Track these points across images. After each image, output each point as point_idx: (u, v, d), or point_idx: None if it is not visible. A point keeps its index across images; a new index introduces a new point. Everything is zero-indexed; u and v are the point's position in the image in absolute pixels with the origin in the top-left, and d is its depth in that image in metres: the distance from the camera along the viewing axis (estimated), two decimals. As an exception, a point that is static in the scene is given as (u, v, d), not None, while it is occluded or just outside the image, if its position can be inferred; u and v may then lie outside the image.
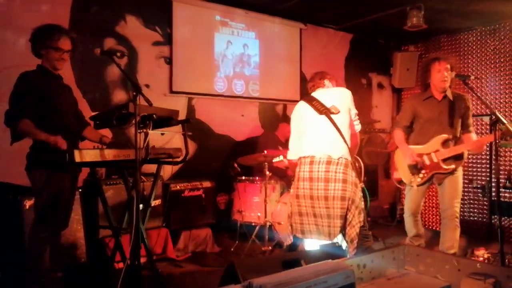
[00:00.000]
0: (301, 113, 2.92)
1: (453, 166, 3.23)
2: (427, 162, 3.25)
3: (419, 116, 3.35)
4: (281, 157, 3.47)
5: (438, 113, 3.28)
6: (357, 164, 2.76)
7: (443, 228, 3.35)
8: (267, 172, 3.94)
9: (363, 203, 2.69)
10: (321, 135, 2.75)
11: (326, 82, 3.02)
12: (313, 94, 2.94)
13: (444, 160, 3.21)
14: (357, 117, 2.88)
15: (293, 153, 2.97)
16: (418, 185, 3.31)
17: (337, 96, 2.85)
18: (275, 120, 5.24)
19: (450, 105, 3.28)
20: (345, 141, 2.65)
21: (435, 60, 3.27)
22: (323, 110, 2.74)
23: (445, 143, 3.24)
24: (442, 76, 3.21)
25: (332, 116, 2.71)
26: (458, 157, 3.25)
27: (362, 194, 2.72)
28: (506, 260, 3.32)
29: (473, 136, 3.32)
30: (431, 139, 3.26)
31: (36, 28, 2.65)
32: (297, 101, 5.37)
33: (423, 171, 3.29)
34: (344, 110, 2.77)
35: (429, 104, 3.32)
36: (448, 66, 3.22)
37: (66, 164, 2.55)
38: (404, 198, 6.08)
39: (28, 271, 2.57)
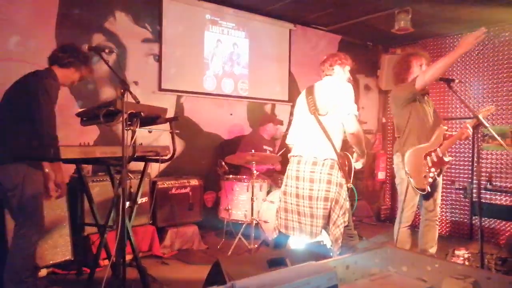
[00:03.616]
0: (299, 105, 2.96)
1: (451, 158, 3.23)
2: (435, 159, 3.14)
3: (417, 111, 3.20)
4: None
5: (428, 107, 3.26)
6: (346, 163, 2.80)
7: (425, 229, 3.37)
8: (254, 171, 3.96)
9: (348, 203, 2.73)
10: (309, 135, 2.78)
11: (337, 69, 2.92)
12: (317, 84, 2.92)
13: (444, 154, 3.17)
14: (351, 116, 2.74)
15: (290, 138, 3.02)
16: (429, 186, 3.14)
17: (335, 92, 2.78)
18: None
19: (429, 99, 3.31)
20: (332, 143, 2.68)
21: (415, 55, 3.26)
22: (313, 109, 2.77)
23: (444, 136, 3.20)
24: None
25: (321, 117, 2.73)
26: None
27: (349, 193, 2.76)
28: (486, 260, 3.41)
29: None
30: (433, 135, 3.18)
31: (85, 51, 2.66)
32: (285, 101, 5.47)
33: (432, 169, 3.14)
34: (338, 109, 2.74)
35: (420, 99, 3.22)
36: (425, 61, 3.25)
37: (43, 160, 2.55)
38: (388, 197, 6.26)
39: (14, 271, 2.51)
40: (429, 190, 3.14)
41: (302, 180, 2.75)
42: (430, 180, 3.14)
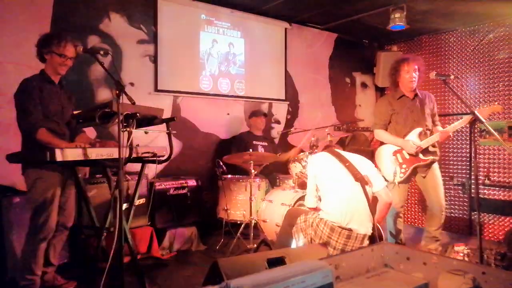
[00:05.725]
0: (331, 170, 2.78)
1: (431, 157, 3.42)
2: (407, 156, 3.42)
3: (396, 114, 3.52)
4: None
5: (412, 110, 3.49)
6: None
7: (428, 216, 3.60)
8: (253, 171, 3.96)
9: None
10: (358, 207, 2.67)
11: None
12: (343, 152, 2.86)
13: (422, 153, 3.42)
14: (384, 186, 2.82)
15: (313, 202, 2.97)
16: (399, 182, 3.42)
17: (369, 164, 2.83)
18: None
19: (421, 102, 3.52)
20: (372, 215, 2.66)
21: (404, 61, 3.46)
22: (359, 177, 2.67)
23: (421, 136, 3.44)
24: (410, 77, 3.43)
25: (367, 187, 2.67)
26: (433, 150, 3.46)
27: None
28: (485, 256, 3.42)
29: (440, 128, 3.56)
30: (408, 134, 3.45)
31: (44, 34, 2.82)
32: (282, 100, 5.45)
33: (404, 166, 3.42)
34: (373, 180, 2.74)
35: (403, 102, 3.52)
36: (416, 67, 3.44)
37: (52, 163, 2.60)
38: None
39: (19, 268, 2.66)
40: (396, 184, 3.41)
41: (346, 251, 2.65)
42: (402, 175, 3.41)
